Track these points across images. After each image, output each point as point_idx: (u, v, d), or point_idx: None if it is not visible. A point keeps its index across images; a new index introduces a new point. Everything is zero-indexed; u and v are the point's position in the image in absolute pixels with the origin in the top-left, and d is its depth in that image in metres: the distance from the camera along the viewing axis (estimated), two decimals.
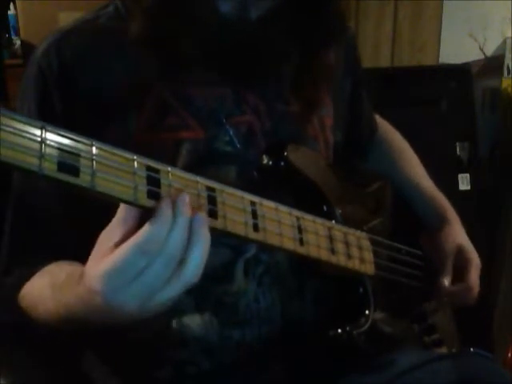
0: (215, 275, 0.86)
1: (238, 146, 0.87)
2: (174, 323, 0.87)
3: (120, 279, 0.58)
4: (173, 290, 0.60)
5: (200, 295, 0.86)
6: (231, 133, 0.86)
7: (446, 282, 1.03)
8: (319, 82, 0.94)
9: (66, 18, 2.26)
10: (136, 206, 0.58)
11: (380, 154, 1.20)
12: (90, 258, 0.62)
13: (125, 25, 0.82)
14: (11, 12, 2.69)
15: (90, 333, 0.82)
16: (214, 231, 0.64)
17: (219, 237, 0.67)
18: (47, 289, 0.76)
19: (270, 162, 0.87)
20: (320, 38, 0.90)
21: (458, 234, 1.08)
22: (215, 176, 0.67)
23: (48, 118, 0.81)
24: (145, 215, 0.59)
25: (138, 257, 0.57)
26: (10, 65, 2.60)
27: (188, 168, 0.63)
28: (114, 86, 0.82)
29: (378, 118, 1.23)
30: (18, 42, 2.65)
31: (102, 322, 0.66)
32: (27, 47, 2.54)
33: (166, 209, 0.58)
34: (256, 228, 0.70)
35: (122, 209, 0.60)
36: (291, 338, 0.90)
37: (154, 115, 0.83)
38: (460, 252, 1.06)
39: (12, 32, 2.70)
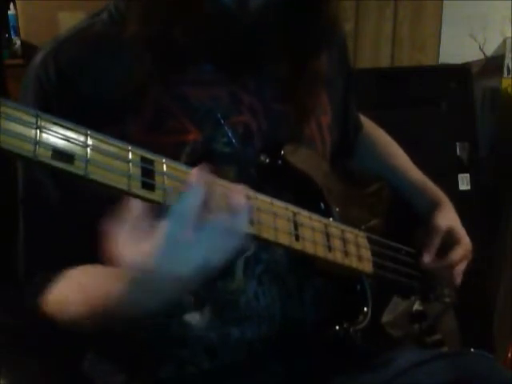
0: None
1: (237, 145, 0.87)
2: (175, 322, 0.87)
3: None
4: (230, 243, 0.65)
5: (200, 293, 0.87)
6: (229, 133, 0.87)
7: (427, 257, 1.02)
8: (312, 87, 0.94)
9: (66, 18, 2.26)
10: (130, 195, 0.59)
11: (366, 151, 1.20)
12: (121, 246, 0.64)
13: (119, 30, 0.83)
14: (11, 12, 2.69)
15: (90, 333, 0.82)
16: None
17: None
18: (78, 293, 0.78)
19: (267, 161, 0.87)
20: (312, 41, 0.91)
21: (449, 217, 1.08)
22: (215, 176, 0.68)
23: None
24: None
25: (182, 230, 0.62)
26: (10, 65, 2.59)
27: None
28: (111, 91, 0.82)
29: (362, 117, 1.23)
30: (18, 42, 2.64)
31: (160, 297, 0.69)
32: (27, 47, 2.54)
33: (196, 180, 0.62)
34: (250, 221, 0.70)
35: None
36: (291, 336, 0.90)
37: (151, 119, 0.84)
38: (450, 233, 1.06)
39: (12, 32, 2.70)
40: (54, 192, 0.82)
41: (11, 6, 2.68)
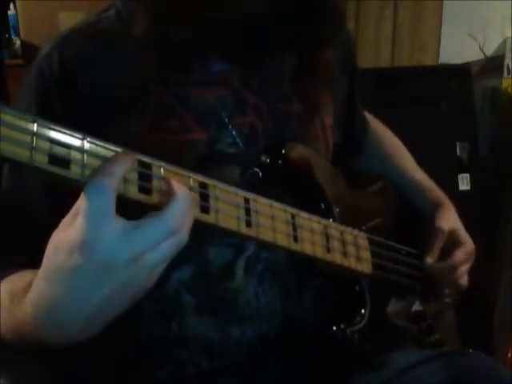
0: (217, 273, 0.86)
1: (241, 146, 0.87)
2: (175, 323, 0.87)
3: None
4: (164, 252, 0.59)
5: (201, 293, 0.87)
6: (234, 134, 0.87)
7: (430, 259, 1.03)
8: (318, 84, 0.94)
9: (66, 18, 2.27)
10: (125, 199, 0.58)
11: (372, 151, 1.21)
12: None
13: (126, 27, 0.83)
14: (11, 12, 2.70)
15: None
16: (206, 225, 0.65)
17: (222, 237, 0.65)
18: (6, 297, 0.72)
19: (269, 161, 0.87)
20: (317, 37, 0.90)
21: (452, 218, 1.08)
22: (219, 177, 0.68)
23: (48, 118, 0.82)
24: None
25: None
26: (10, 65, 2.60)
27: (191, 170, 0.63)
28: (114, 88, 0.82)
29: (367, 115, 1.23)
30: (18, 42, 2.65)
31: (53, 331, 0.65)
32: (27, 47, 2.54)
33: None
34: (249, 223, 0.71)
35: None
36: (291, 336, 0.90)
37: (155, 117, 0.83)
38: (453, 235, 1.06)
39: (12, 32, 2.71)
40: (36, 189, 0.80)
41: (11, 5, 2.69)
